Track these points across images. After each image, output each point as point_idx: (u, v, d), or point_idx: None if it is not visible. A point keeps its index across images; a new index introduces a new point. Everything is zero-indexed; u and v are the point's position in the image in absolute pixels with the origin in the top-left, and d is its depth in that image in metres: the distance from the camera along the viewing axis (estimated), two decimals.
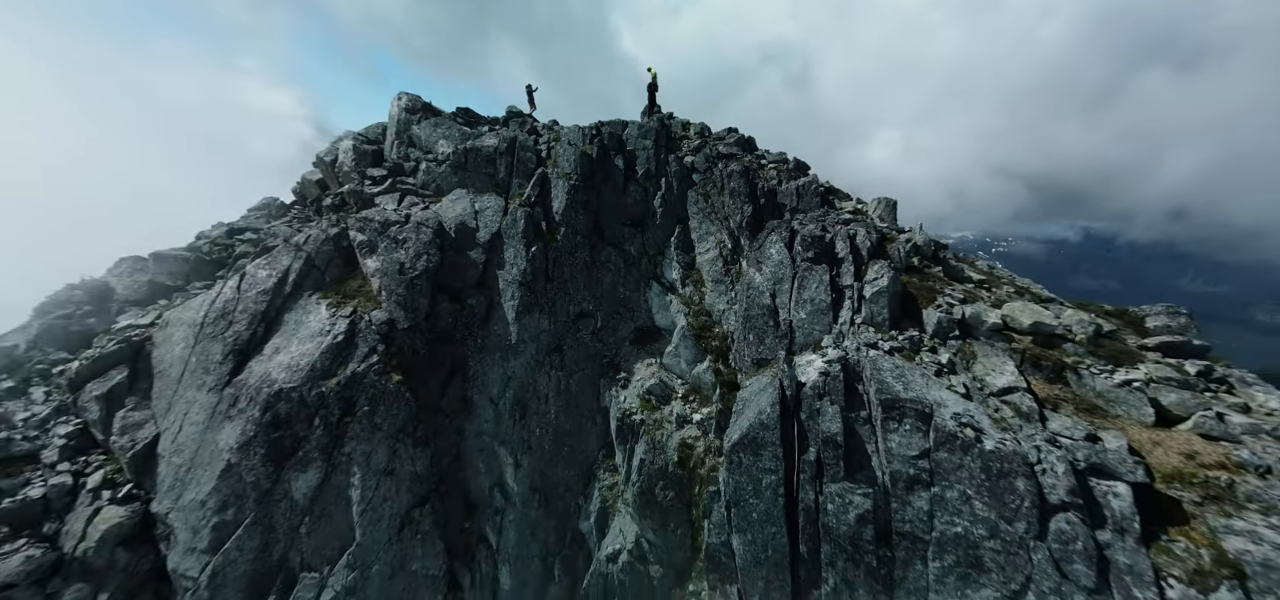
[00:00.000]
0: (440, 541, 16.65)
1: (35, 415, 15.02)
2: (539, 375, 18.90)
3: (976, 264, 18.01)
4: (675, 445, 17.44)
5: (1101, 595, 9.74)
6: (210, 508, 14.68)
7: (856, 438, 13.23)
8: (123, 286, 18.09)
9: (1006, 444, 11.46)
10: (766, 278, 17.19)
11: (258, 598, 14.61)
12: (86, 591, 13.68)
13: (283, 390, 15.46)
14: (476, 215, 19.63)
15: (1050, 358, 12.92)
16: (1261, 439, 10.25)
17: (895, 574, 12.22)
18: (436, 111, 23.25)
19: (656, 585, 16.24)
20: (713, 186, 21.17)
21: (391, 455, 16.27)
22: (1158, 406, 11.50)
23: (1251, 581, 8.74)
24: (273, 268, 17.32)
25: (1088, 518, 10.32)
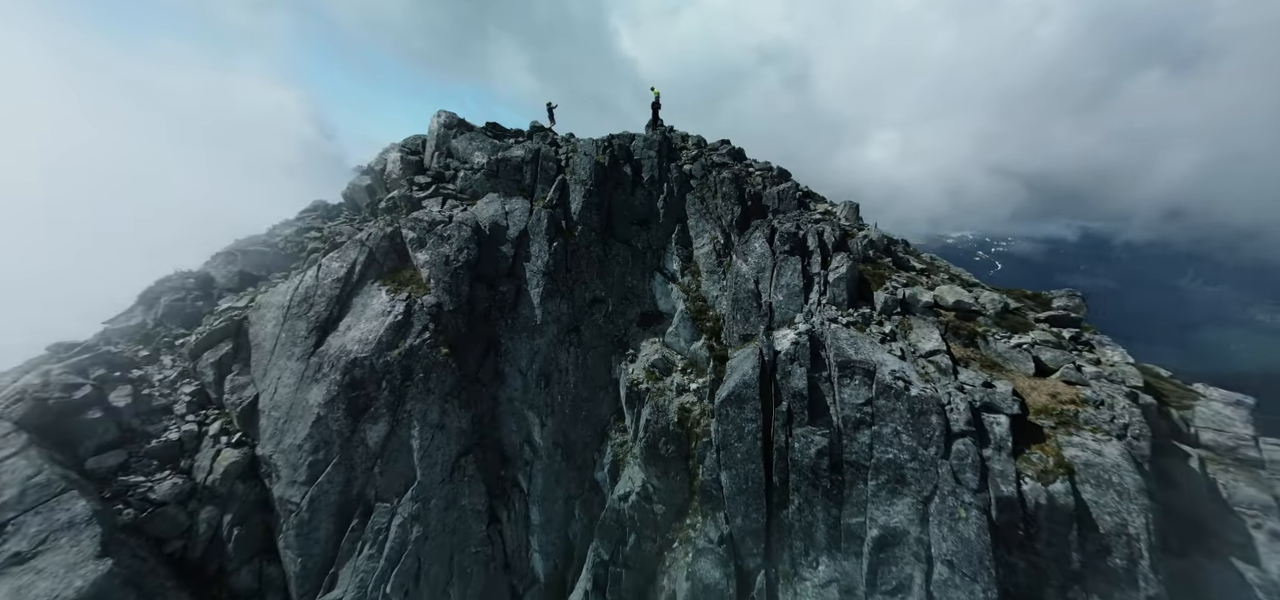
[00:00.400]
0: (483, 484, 20.53)
1: (166, 377, 18.91)
2: (560, 351, 22.75)
3: (921, 255, 21.88)
4: (675, 409, 21.25)
5: (982, 494, 13.60)
6: (305, 450, 18.56)
7: (818, 392, 17.08)
8: (220, 276, 21.98)
9: (927, 391, 15.30)
10: (751, 268, 21.07)
11: (344, 519, 18.52)
12: (215, 513, 17.58)
13: (357, 358, 19.33)
14: (507, 216, 23.47)
15: (966, 328, 16.78)
16: (1102, 382, 14.09)
17: (843, 493, 16.09)
18: (470, 127, 27.13)
19: (660, 519, 20.08)
20: (707, 191, 25.02)
21: (442, 413, 20.14)
22: (1038, 362, 15.36)
23: (1078, 475, 12.61)
24: (343, 260, 21.19)
25: (978, 440, 14.17)
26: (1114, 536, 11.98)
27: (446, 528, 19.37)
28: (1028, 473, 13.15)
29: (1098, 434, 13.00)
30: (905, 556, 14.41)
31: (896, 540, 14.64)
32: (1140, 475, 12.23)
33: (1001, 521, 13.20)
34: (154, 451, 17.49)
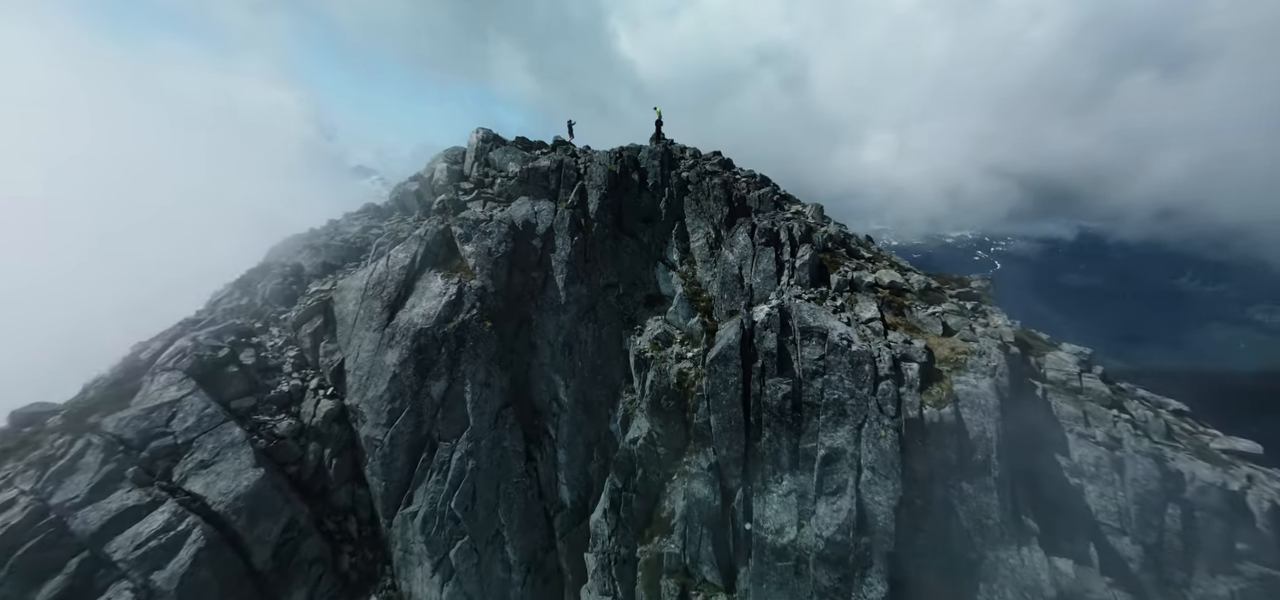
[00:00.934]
0: (521, 430, 25.91)
1: (275, 344, 24.33)
2: (580, 326, 28.10)
3: (869, 246, 27.34)
4: (675, 373, 26.59)
5: (897, 418, 18.98)
6: (384, 401, 23.96)
7: (785, 351, 22.43)
8: (308, 265, 27.39)
9: (864, 348, 20.65)
10: (736, 257, 26.49)
11: (415, 454, 23.94)
12: (318, 447, 23.01)
13: (421, 329, 24.70)
14: (536, 215, 28.82)
15: (897, 301, 22.20)
16: (986, 339, 19.48)
17: (801, 426, 21.45)
18: (503, 141, 32.54)
19: (662, 457, 25.44)
20: (702, 194, 30.38)
21: (488, 374, 25.50)
22: (945, 325, 20.75)
23: (960, 402, 18.01)
24: (406, 251, 26.58)
25: (896, 381, 19.54)
26: (978, 440, 17.36)
27: (494, 463, 24.77)
28: (928, 402, 18.54)
29: (977, 374, 18.39)
30: (843, 467, 19.80)
31: (837, 456, 20.03)
32: (999, 400, 17.59)
33: (908, 436, 18.59)
34: (272, 399, 22.91)
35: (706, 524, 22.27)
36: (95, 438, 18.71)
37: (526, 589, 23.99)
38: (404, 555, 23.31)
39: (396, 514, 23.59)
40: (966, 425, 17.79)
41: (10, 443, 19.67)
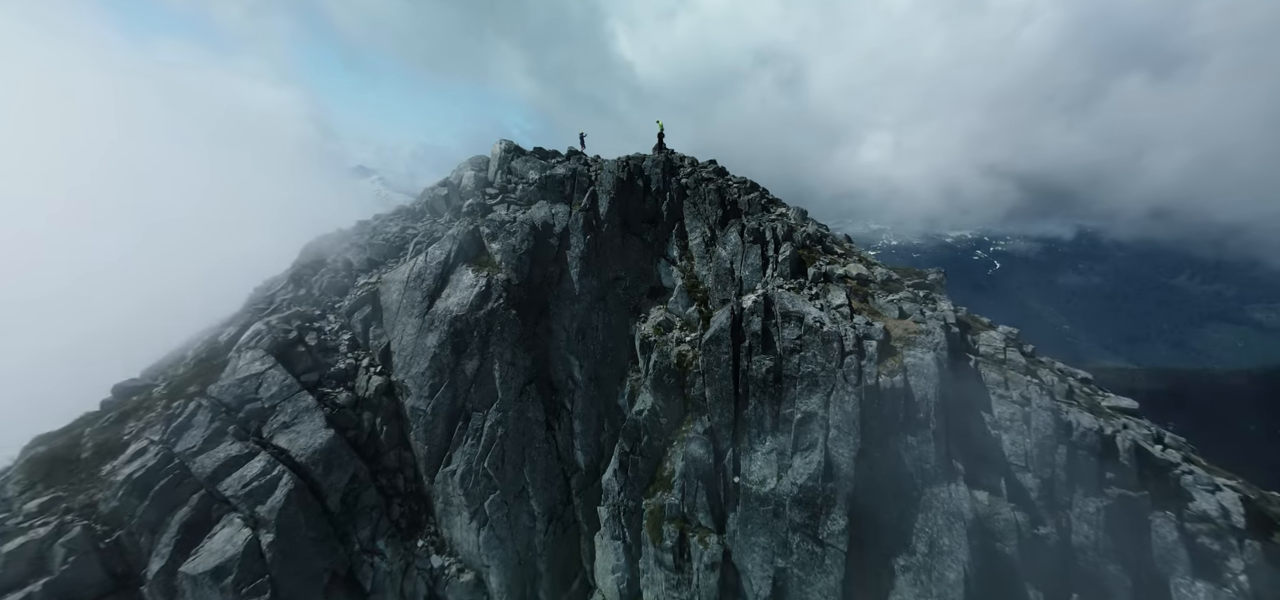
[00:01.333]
0: (542, 403, 30.19)
1: (332, 328, 28.67)
2: (592, 314, 32.36)
3: (841, 242, 31.63)
4: (675, 355, 30.84)
5: (858, 386, 23.24)
6: (425, 377, 28.24)
7: (769, 332, 26.67)
8: (356, 260, 31.71)
9: (833, 329, 24.90)
10: (728, 253, 30.77)
11: (453, 422, 28.23)
12: (371, 416, 27.31)
13: (457, 316, 28.98)
14: (553, 217, 33.08)
15: (862, 290, 26.50)
16: (933, 320, 23.79)
17: (781, 395, 25.70)
18: (523, 151, 36.86)
19: (664, 426, 29.70)
20: (699, 198, 34.63)
21: (513, 354, 29.77)
22: (901, 310, 25.04)
23: (908, 371, 22.29)
24: (442, 249, 30.86)
25: (859, 356, 23.81)
26: (921, 402, 21.63)
27: (519, 430, 29.06)
28: (883, 372, 22.83)
29: (923, 349, 22.67)
30: (814, 427, 24.07)
31: (810, 418, 24.30)
32: (939, 369, 21.86)
33: (867, 400, 22.86)
34: (332, 375, 27.24)
35: (701, 479, 26.55)
36: (203, 401, 23.06)
37: (548, 535, 28.30)
38: (445, 507, 27.63)
39: (438, 472, 27.92)
40: (913, 390, 22.07)
41: (128, 406, 24.03)
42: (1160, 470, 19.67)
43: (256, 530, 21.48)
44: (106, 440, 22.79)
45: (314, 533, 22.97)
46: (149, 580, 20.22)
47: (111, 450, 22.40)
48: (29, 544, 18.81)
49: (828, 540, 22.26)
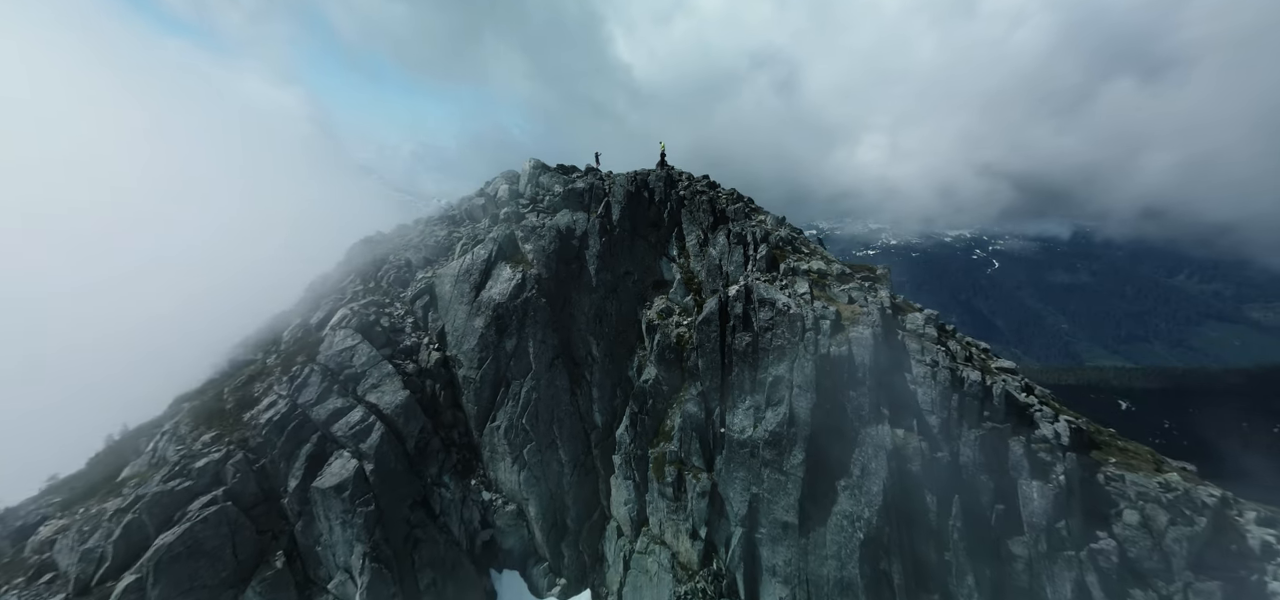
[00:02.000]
0: (567, 374, 37.60)
1: (398, 313, 36.16)
2: (607, 302, 39.77)
3: (809, 243, 39.06)
4: (675, 336, 38.20)
5: (814, 353, 30.61)
6: (474, 352, 35.70)
7: (748, 315, 34.03)
8: (414, 258, 39.20)
9: (797, 311, 32.25)
10: (717, 253, 38.18)
11: (496, 388, 35.66)
12: (431, 383, 34.78)
13: (498, 304, 36.43)
14: (574, 222, 40.48)
15: (821, 281, 33.91)
16: (872, 304, 31.16)
17: (757, 363, 33.05)
18: (548, 167, 44.34)
19: (665, 392, 37.05)
20: (694, 207, 42.03)
21: (544, 334, 37.20)
22: (850, 297, 32.43)
23: (852, 343, 29.71)
24: (485, 249, 38.31)
25: (815, 331, 31.17)
26: (860, 366, 28.96)
27: (549, 395, 36.47)
28: (833, 344, 30.19)
29: (863, 326, 30.04)
30: (782, 387, 31.42)
31: (779, 381, 31.63)
32: (873, 342, 29.21)
33: (820, 365, 30.21)
34: (401, 350, 34.73)
35: (695, 431, 33.92)
36: (314, 367, 30.59)
37: (573, 477, 35.70)
38: (492, 454, 35.10)
39: (486, 427, 35.39)
40: (855, 357, 29.43)
41: (250, 372, 31.56)
42: (1021, 409, 26.91)
43: (361, 461, 28.99)
44: (243, 396, 30.31)
45: (400, 466, 30.47)
46: (288, 494, 27.74)
47: (248, 403, 29.91)
48: (210, 463, 26.32)
49: (790, 470, 29.62)
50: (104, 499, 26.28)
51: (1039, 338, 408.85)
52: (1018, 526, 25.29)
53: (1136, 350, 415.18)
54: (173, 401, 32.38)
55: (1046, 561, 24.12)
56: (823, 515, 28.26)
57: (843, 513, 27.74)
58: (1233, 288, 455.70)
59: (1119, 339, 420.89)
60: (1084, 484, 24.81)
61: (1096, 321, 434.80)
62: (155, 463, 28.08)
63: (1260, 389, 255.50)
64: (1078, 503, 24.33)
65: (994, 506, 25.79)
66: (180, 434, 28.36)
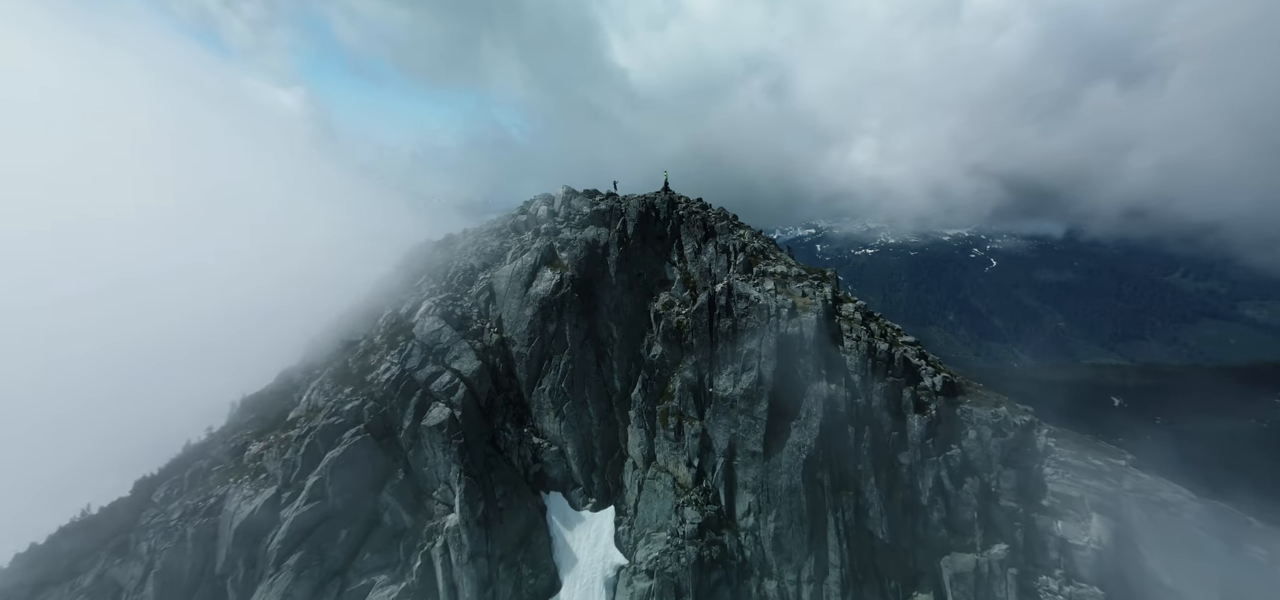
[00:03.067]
0: (593, 351, 49.84)
1: (465, 305, 48.53)
2: (624, 296, 52.02)
3: (778, 249, 51.31)
4: (675, 321, 50.39)
5: (777, 332, 42.78)
6: (525, 334, 48.01)
7: (731, 305, 46.18)
8: (475, 262, 51.60)
9: (765, 302, 44.35)
10: (707, 259, 50.42)
11: (541, 361, 47.95)
12: (492, 357, 47.10)
13: (543, 297, 48.74)
14: (598, 236, 52.72)
15: (783, 281, 46.14)
16: (818, 297, 43.28)
17: (736, 340, 45.15)
18: (578, 192, 56.65)
19: (668, 364, 49.20)
20: (690, 223, 54.27)
21: (576, 320, 49.45)
22: (803, 291, 44.56)
23: (803, 326, 41.94)
24: (532, 256, 50.62)
25: (777, 317, 43.32)
26: (807, 340, 41.04)
27: (581, 367, 48.70)
28: (789, 326, 42.38)
29: (810, 312, 42.17)
30: (753, 358, 43.60)
31: (751, 352, 43.79)
32: (817, 324, 41.31)
33: (780, 341, 42.36)
34: (470, 333, 47.06)
35: (691, 391, 46.05)
36: (414, 342, 42.98)
37: (600, 426, 47.87)
38: (539, 409, 47.39)
39: (534, 389, 47.67)
40: (804, 335, 41.55)
41: (368, 346, 43.97)
42: (913, 368, 38.94)
43: (451, 409, 41.32)
44: (363, 363, 42.71)
45: (477, 414, 42.82)
46: (403, 431, 40.12)
47: (368, 368, 42.29)
48: (352, 408, 38.72)
49: (758, 415, 41.75)
50: (284, 431, 38.77)
51: (1036, 336, 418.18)
52: (904, 445, 37.43)
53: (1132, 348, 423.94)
54: (303, 367, 44.82)
55: (919, 466, 36.24)
56: (779, 445, 40.44)
57: (793, 443, 39.92)
58: (1227, 286, 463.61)
59: (1115, 337, 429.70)
60: (946, 416, 36.93)
61: (1093, 320, 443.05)
62: (310, 408, 40.53)
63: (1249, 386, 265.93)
64: (941, 428, 36.46)
65: (891, 433, 37.94)
66: (325, 388, 40.79)
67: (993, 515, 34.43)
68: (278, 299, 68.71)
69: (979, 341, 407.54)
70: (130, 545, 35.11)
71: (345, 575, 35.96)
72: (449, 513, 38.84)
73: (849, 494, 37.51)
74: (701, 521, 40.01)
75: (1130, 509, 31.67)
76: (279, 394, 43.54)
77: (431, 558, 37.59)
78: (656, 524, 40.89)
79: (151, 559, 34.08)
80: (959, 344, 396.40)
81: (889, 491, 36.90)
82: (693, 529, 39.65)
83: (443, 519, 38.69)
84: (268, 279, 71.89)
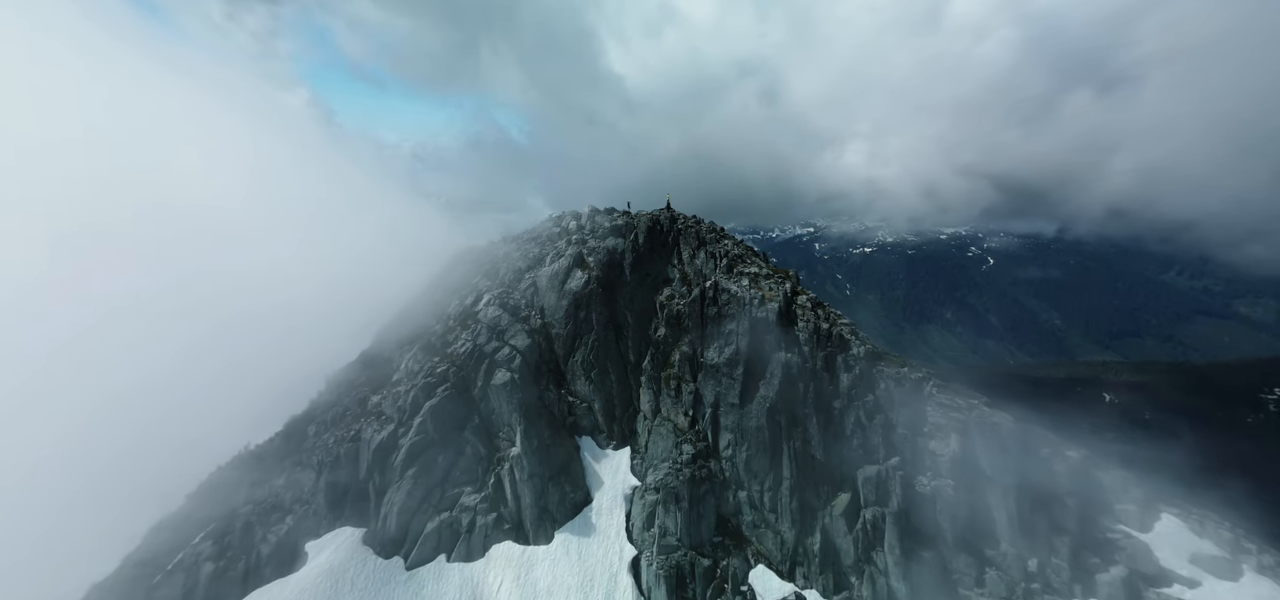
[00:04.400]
0: (614, 332, 65.78)
1: (515, 298, 64.64)
2: (636, 292, 67.91)
3: (754, 253, 67.25)
4: (675, 310, 66.20)
5: (752, 316, 58.62)
6: (562, 320, 63.98)
7: (717, 297, 62.01)
8: (524, 262, 67.68)
9: (742, 294, 60.14)
10: (700, 262, 66.36)
11: (575, 339, 63.92)
12: (538, 337, 63.16)
13: (575, 293, 64.74)
14: (617, 245, 68.62)
15: (756, 278, 62.03)
16: (779, 291, 59.19)
17: (721, 322, 61.01)
18: (600, 210, 72.53)
19: (671, 342, 65.07)
20: (686, 235, 70.12)
21: (600, 310, 65.40)
22: (770, 287, 60.40)
23: (768, 311, 57.83)
24: (566, 260, 66.61)
25: (750, 305, 59.11)
26: (771, 320, 56.78)
27: (604, 344, 64.60)
28: (759, 311, 58.24)
29: (774, 301, 57.92)
30: (733, 336, 59.35)
31: (731, 332, 59.52)
32: (779, 310, 56.98)
33: (753, 322, 58.17)
34: (520, 318, 63.11)
35: (687, 361, 61.83)
36: (481, 324, 59.14)
37: (619, 387, 63.74)
38: (572, 376, 63.37)
39: (568, 361, 63.66)
40: (769, 317, 57.32)
41: (435, 332, 60.21)
42: (845, 340, 54.64)
43: (511, 374, 57.29)
44: (443, 340, 58.85)
45: (529, 378, 58.86)
46: (477, 388, 56.23)
47: (447, 343, 58.41)
48: (441, 372, 54.84)
49: (736, 377, 57.50)
50: (392, 387, 54.99)
51: (1033, 334, 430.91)
52: (836, 394, 53.20)
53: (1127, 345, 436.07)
54: (393, 342, 61.03)
55: (846, 409, 52.02)
56: (750, 398, 56.22)
57: (760, 396, 55.69)
58: (1222, 283, 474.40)
59: (1110, 335, 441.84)
60: (867, 374, 52.69)
61: (1088, 317, 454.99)
62: (409, 371, 56.70)
63: (1239, 382, 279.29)
64: (862, 382, 52.26)
65: (827, 386, 53.72)
66: (417, 357, 56.98)
67: (892, 439, 50.00)
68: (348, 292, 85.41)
69: (975, 339, 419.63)
70: (305, 461, 51.32)
71: (444, 486, 52.07)
72: (512, 446, 54.85)
73: (798, 430, 53.26)
74: (694, 453, 55.87)
75: (973, 429, 47.19)
76: (383, 359, 59.78)
77: (501, 476, 53.56)
78: (661, 457, 56.72)
79: (320, 469, 50.25)
80: (956, 342, 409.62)
81: (825, 427, 52.62)
82: (687, 459, 55.50)
83: (508, 450, 54.70)
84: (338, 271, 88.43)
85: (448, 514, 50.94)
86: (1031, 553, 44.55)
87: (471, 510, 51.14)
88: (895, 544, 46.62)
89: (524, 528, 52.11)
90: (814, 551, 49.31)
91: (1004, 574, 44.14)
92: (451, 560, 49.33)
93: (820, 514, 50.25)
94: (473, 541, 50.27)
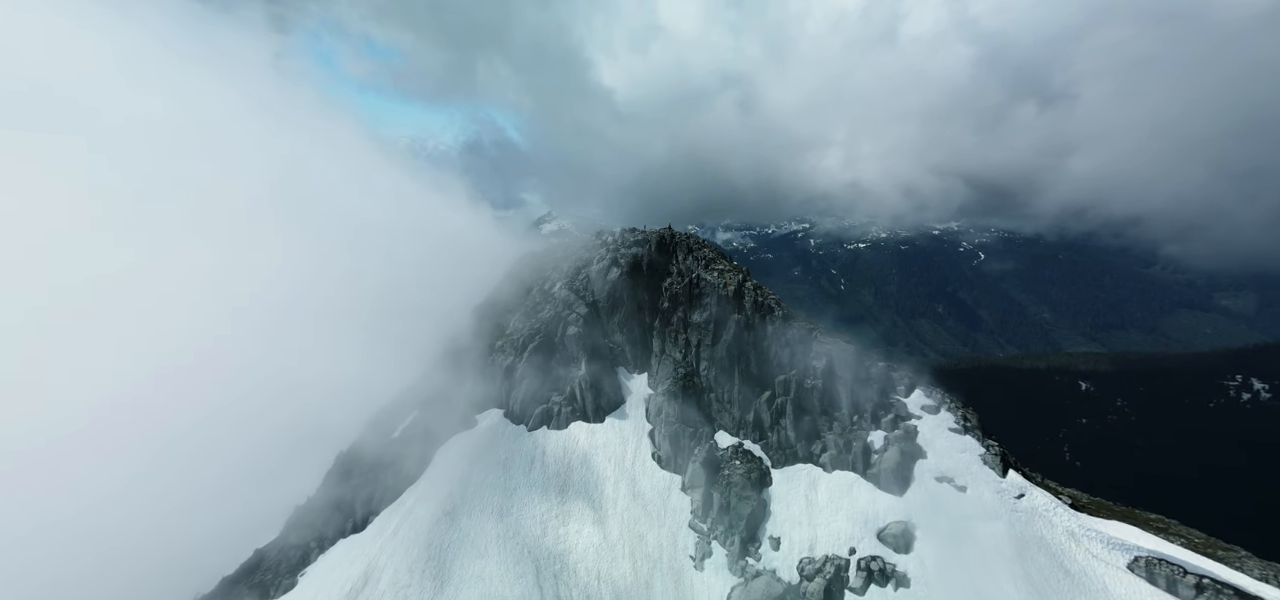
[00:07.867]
0: (636, 306, 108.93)
1: (577, 286, 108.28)
2: (651, 281, 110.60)
3: (722, 256, 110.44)
4: (674, 292, 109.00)
5: (724, 296, 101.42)
6: (606, 298, 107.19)
7: (699, 283, 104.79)
8: (578, 262, 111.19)
9: (713, 282, 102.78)
10: (689, 263, 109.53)
11: (614, 310, 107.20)
12: (589, 312, 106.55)
13: (613, 281, 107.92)
14: (639, 251, 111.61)
15: (723, 272, 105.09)
16: (737, 278, 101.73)
17: (701, 299, 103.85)
18: (626, 229, 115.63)
19: (671, 311, 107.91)
20: (680, 244, 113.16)
21: (629, 291, 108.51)
22: (730, 275, 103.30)
23: (731, 294, 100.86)
24: (607, 261, 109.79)
25: (719, 289, 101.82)
26: (729, 298, 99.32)
27: (631, 313, 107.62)
28: (723, 291, 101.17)
29: (736, 289, 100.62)
30: (708, 306, 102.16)
31: (708, 302, 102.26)
32: (735, 290, 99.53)
33: (721, 300, 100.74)
34: (580, 295, 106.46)
35: (681, 322, 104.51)
36: (558, 300, 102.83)
37: (642, 341, 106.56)
38: (612, 330, 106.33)
39: (610, 320, 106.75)
40: (728, 296, 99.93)
41: (517, 317, 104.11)
42: (773, 308, 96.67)
43: (577, 328, 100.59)
44: (536, 310, 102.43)
45: (588, 333, 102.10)
46: (557, 340, 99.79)
47: (537, 312, 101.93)
48: (536, 327, 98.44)
49: (709, 329, 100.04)
50: (507, 338, 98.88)
51: (1021, 328, 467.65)
52: (765, 337, 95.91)
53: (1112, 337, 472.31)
54: (500, 307, 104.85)
55: (770, 346, 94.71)
56: (717, 342, 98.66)
57: (723, 340, 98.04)
58: (1205, 277, 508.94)
59: (1096, 327, 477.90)
60: (782, 327, 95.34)
61: (1076, 311, 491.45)
62: (515, 329, 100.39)
63: (1211, 369, 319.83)
64: (780, 332, 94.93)
65: (761, 334, 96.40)
66: (519, 321, 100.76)
67: (793, 360, 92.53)
68: (447, 272, 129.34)
69: (966, 333, 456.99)
70: (462, 368, 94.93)
71: (543, 389, 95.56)
72: (579, 370, 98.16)
73: (743, 359, 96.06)
74: (685, 374, 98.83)
75: (834, 354, 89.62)
76: (492, 321, 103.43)
77: (573, 387, 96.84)
78: (665, 376, 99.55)
79: (473, 380, 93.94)
80: (946, 335, 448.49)
81: (758, 357, 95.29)
82: (681, 376, 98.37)
83: (576, 372, 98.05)
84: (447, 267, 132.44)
85: (544, 405, 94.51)
86: (855, 412, 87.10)
87: (559, 403, 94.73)
88: (791, 415, 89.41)
89: (587, 415, 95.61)
90: (749, 421, 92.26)
91: (842, 423, 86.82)
92: (550, 429, 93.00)
93: (754, 403, 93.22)
94: (559, 420, 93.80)
